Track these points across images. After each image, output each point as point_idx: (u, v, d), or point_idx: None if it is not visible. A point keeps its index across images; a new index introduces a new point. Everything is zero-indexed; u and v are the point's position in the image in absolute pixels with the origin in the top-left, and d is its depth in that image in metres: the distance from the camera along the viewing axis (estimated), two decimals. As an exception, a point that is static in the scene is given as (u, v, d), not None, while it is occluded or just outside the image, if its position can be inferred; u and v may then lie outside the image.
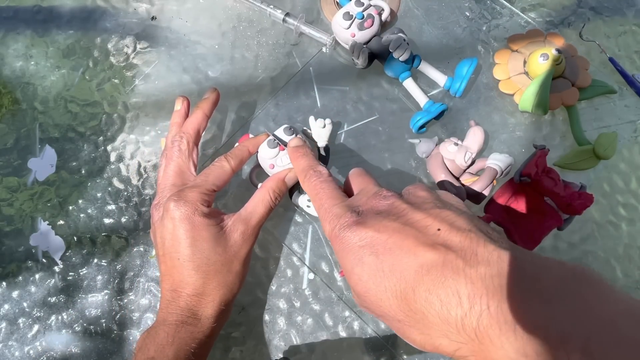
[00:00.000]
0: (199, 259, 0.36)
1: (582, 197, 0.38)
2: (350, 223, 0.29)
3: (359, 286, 0.28)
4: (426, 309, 0.25)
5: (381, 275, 0.27)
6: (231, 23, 0.50)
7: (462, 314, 0.23)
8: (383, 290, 0.26)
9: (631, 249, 0.45)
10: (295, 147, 0.38)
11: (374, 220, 0.28)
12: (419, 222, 0.28)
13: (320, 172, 0.35)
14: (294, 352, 0.41)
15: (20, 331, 0.42)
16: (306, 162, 0.36)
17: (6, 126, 0.47)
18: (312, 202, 0.35)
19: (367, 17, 0.45)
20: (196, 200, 0.37)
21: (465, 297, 0.23)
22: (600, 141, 0.45)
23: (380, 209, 0.30)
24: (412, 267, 0.26)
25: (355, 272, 0.28)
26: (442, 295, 0.24)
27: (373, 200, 0.31)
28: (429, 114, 0.44)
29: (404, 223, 0.28)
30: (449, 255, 0.25)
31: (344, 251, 0.29)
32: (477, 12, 0.51)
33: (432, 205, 0.29)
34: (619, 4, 0.52)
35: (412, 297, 0.25)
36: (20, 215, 0.45)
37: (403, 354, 0.41)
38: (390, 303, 0.26)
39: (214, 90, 0.44)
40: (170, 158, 0.40)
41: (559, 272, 0.24)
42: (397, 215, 0.29)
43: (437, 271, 0.25)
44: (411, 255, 0.26)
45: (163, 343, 0.34)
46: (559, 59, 0.44)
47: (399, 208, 0.29)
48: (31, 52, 0.49)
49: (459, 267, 0.24)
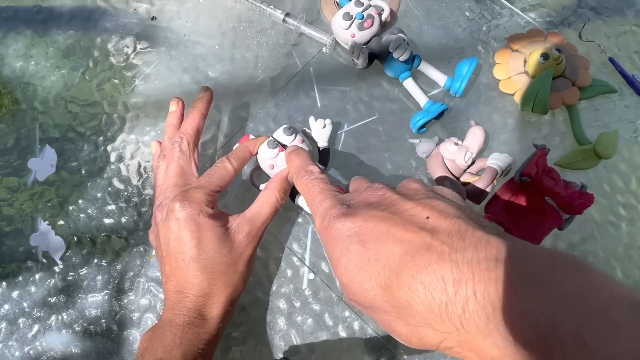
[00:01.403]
0: (205, 260, 0.36)
1: (583, 196, 0.38)
2: (339, 214, 0.29)
3: (345, 276, 0.27)
4: (410, 296, 0.24)
5: (366, 264, 0.26)
6: (231, 23, 0.50)
7: (447, 300, 0.23)
8: (367, 279, 0.26)
9: (631, 249, 0.45)
10: (290, 150, 0.39)
11: (363, 211, 0.28)
12: (408, 211, 0.27)
13: (312, 170, 0.35)
14: (294, 352, 0.41)
15: (20, 331, 0.42)
16: (298, 162, 0.36)
17: (6, 126, 0.47)
18: (305, 200, 0.34)
19: (367, 17, 0.45)
20: (201, 201, 0.37)
21: (450, 282, 0.23)
22: (601, 140, 0.45)
23: (371, 201, 0.29)
24: (397, 254, 0.25)
25: (342, 261, 0.27)
26: (426, 280, 0.24)
27: (365, 193, 0.31)
28: (429, 114, 0.44)
29: (393, 212, 0.27)
30: (435, 240, 0.25)
31: (332, 242, 0.28)
32: (477, 12, 0.51)
33: (423, 195, 0.29)
34: (619, 4, 0.52)
35: (395, 285, 0.25)
36: (20, 215, 0.45)
37: (403, 354, 0.41)
38: (375, 292, 0.26)
39: (207, 88, 0.44)
40: (171, 159, 0.40)
41: (550, 259, 0.23)
42: (387, 206, 0.28)
43: (422, 256, 0.24)
44: (396, 241, 0.26)
45: (171, 344, 0.33)
46: (559, 58, 0.44)
47: (390, 199, 0.29)
48: (31, 52, 0.49)
49: (444, 251, 0.24)
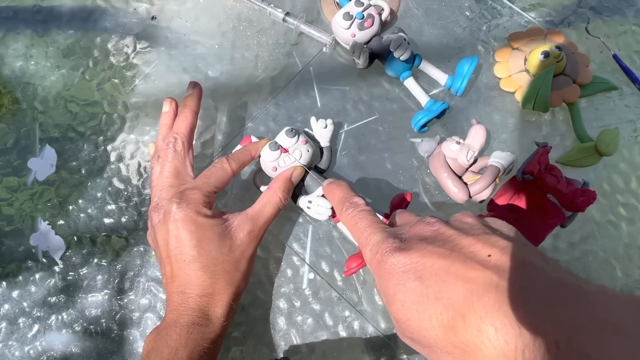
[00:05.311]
0: (206, 260, 0.35)
1: (585, 194, 0.38)
2: (392, 248, 0.27)
3: (401, 313, 0.26)
4: (478, 339, 0.22)
5: (426, 302, 0.25)
6: (231, 23, 0.50)
7: (523, 346, 0.21)
8: (427, 319, 0.24)
9: (631, 248, 0.45)
10: (330, 183, 0.38)
11: (419, 246, 0.27)
12: (467, 247, 0.26)
13: (357, 202, 0.34)
14: (294, 352, 0.41)
15: (20, 331, 0.42)
16: (341, 193, 0.36)
17: (6, 126, 0.47)
18: (350, 232, 0.34)
19: (367, 17, 0.45)
20: (198, 202, 0.37)
21: (526, 328, 0.21)
22: (602, 138, 0.45)
23: (425, 235, 0.28)
24: (460, 293, 0.24)
25: (398, 298, 0.26)
26: (497, 324, 0.22)
27: (417, 227, 0.29)
28: (430, 113, 0.44)
29: (451, 249, 0.26)
30: (501, 280, 0.23)
31: (386, 277, 0.27)
32: (477, 11, 0.51)
33: (481, 231, 0.27)
34: (619, 3, 0.52)
35: (461, 326, 0.23)
36: (20, 215, 0.45)
37: (403, 354, 0.41)
38: (436, 333, 0.24)
39: (195, 84, 0.43)
40: (165, 159, 0.39)
41: (636, 305, 0.22)
42: (443, 241, 0.27)
43: (490, 297, 0.23)
44: (459, 280, 0.24)
45: (176, 345, 0.33)
46: (560, 56, 0.44)
47: (446, 234, 0.27)
48: (31, 52, 0.49)
49: (515, 293, 0.22)
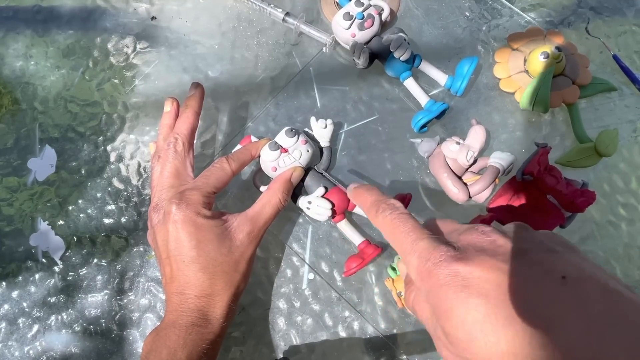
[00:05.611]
0: (205, 261, 0.35)
1: (585, 194, 0.38)
2: (448, 257, 0.25)
3: (461, 332, 0.23)
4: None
5: (493, 324, 0.22)
6: (231, 23, 0.50)
7: None
8: (495, 343, 0.22)
9: (631, 249, 0.45)
10: (358, 187, 0.35)
11: (478, 258, 0.24)
12: (536, 267, 0.24)
13: (394, 205, 0.31)
14: (294, 352, 0.41)
15: (20, 331, 0.42)
16: (374, 196, 0.32)
17: (6, 126, 0.47)
18: (387, 236, 0.30)
19: (367, 17, 0.45)
20: (198, 202, 0.37)
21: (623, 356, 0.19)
22: (601, 138, 0.45)
23: (482, 247, 0.25)
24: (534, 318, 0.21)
25: (456, 314, 0.23)
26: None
27: (469, 235, 0.26)
28: (430, 113, 0.44)
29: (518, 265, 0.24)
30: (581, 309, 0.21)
31: (440, 289, 0.24)
32: (477, 12, 0.51)
33: (544, 247, 0.25)
34: (619, 4, 0.52)
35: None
36: (20, 215, 0.45)
37: (403, 354, 0.41)
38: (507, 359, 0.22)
39: (198, 84, 0.43)
40: (166, 159, 0.39)
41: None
42: (504, 255, 0.24)
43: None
44: (531, 303, 0.22)
45: (175, 346, 0.33)
46: (559, 56, 0.44)
47: (505, 247, 0.25)
48: (31, 52, 0.49)
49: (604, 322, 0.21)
